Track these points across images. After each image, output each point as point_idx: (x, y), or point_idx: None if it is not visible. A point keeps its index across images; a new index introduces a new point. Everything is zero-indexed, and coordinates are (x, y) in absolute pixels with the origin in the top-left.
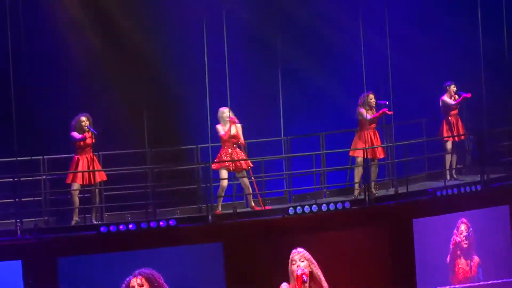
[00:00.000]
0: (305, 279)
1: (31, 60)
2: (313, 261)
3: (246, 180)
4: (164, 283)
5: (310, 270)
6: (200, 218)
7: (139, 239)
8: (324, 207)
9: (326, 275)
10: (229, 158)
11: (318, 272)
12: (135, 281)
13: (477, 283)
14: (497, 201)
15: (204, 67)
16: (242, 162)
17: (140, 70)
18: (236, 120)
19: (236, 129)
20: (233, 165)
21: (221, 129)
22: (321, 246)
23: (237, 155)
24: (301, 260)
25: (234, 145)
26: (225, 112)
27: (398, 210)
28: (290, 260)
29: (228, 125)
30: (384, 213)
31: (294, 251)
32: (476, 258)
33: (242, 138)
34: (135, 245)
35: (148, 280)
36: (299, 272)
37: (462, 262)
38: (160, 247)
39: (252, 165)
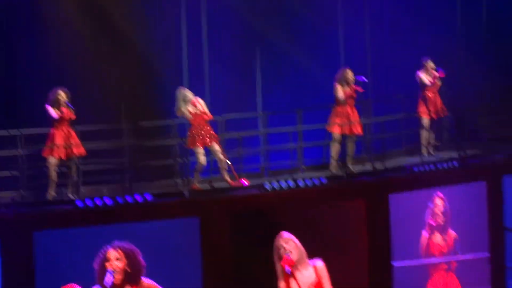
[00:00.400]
0: (288, 270)
1: (7, 33)
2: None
3: (220, 154)
4: (142, 260)
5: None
6: (176, 193)
7: (115, 213)
8: (300, 182)
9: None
10: (199, 135)
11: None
12: (113, 253)
13: (453, 258)
14: (473, 177)
15: (181, 41)
16: (212, 136)
17: (117, 44)
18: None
19: (201, 105)
20: (203, 140)
21: (186, 111)
22: (297, 221)
23: (208, 130)
24: (289, 249)
25: (202, 123)
26: (187, 94)
27: (374, 186)
28: (276, 246)
29: (190, 104)
30: (361, 189)
31: (280, 236)
32: (452, 233)
33: (208, 112)
34: (111, 219)
35: (127, 255)
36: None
37: (437, 237)
38: (137, 221)
39: (219, 138)
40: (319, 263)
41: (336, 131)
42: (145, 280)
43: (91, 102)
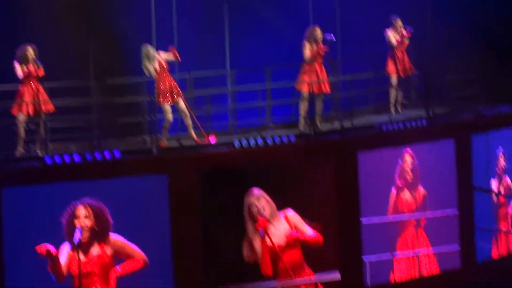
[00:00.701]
0: (262, 234)
1: None
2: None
3: (185, 109)
4: (109, 218)
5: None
6: (144, 150)
7: (84, 170)
8: (269, 140)
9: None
10: (165, 91)
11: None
12: (82, 210)
13: (422, 215)
14: (442, 135)
15: None
16: (177, 93)
17: (86, 2)
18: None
19: (165, 56)
20: (169, 98)
21: (150, 68)
22: (267, 178)
23: (173, 87)
24: (261, 206)
25: (167, 79)
26: (150, 51)
27: (343, 144)
28: (247, 204)
29: (156, 61)
30: (329, 147)
31: (251, 193)
32: (421, 190)
33: (173, 57)
34: (80, 176)
35: (95, 214)
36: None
37: (406, 194)
38: (105, 178)
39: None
40: (290, 212)
41: (304, 89)
42: (113, 236)
43: (59, 59)
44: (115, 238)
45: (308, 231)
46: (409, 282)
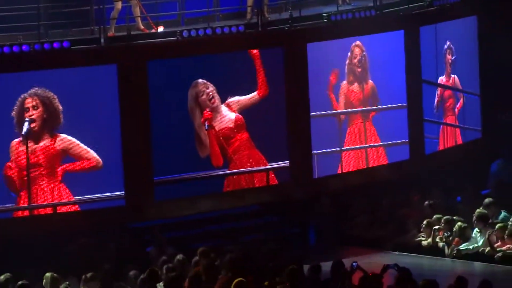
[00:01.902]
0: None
1: None
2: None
3: (134, 1)
4: (59, 105)
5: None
6: (93, 40)
7: (33, 60)
8: (218, 30)
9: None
10: None
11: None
12: (30, 101)
13: (371, 107)
14: (391, 26)
15: None
16: None
17: None
18: None
19: None
20: None
21: None
22: (214, 68)
23: None
24: (210, 91)
25: None
26: None
27: (292, 34)
28: (195, 93)
29: None
30: (278, 37)
31: (197, 83)
32: (370, 82)
33: None
34: (29, 66)
35: (43, 103)
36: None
37: (355, 86)
38: (54, 68)
39: None
40: (231, 98)
41: None
42: (64, 135)
43: None
44: (67, 136)
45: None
46: (356, 172)
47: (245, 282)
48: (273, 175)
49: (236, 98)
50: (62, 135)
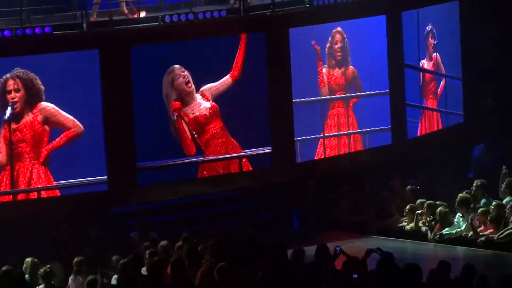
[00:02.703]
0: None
1: None
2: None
3: None
4: (41, 86)
5: None
6: (75, 25)
7: (15, 45)
8: (200, 16)
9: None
10: None
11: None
12: (12, 84)
13: (352, 93)
14: (373, 11)
15: None
16: None
17: None
18: None
19: None
20: None
21: None
22: (194, 53)
23: None
24: (186, 75)
25: None
26: None
27: (274, 20)
28: (170, 79)
29: None
30: (260, 22)
31: (173, 68)
32: (351, 68)
33: None
34: (11, 51)
35: (25, 85)
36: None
37: (336, 71)
38: (36, 54)
39: None
40: (204, 86)
41: None
42: (44, 103)
43: None
44: (46, 104)
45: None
46: (338, 157)
47: (227, 267)
48: (247, 162)
49: (209, 85)
50: (42, 103)
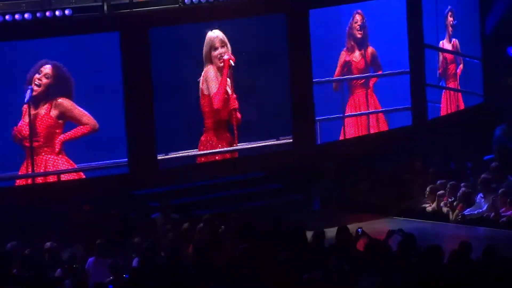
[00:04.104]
0: (233, 64)
1: None
2: None
3: None
4: (72, 87)
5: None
6: (95, 7)
7: (35, 28)
8: None
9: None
10: None
11: None
12: (47, 68)
13: (373, 74)
14: None
15: None
16: None
17: None
18: None
19: None
20: None
21: None
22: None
23: None
24: (222, 45)
25: None
26: None
27: (295, 0)
28: (210, 46)
29: None
30: (281, 3)
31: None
32: (370, 48)
33: None
34: (31, 34)
35: (56, 76)
36: (226, 57)
37: (356, 54)
38: (56, 36)
39: None
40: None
41: None
42: (61, 99)
43: None
44: (63, 100)
45: None
46: (359, 139)
47: (250, 249)
48: None
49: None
50: (59, 99)
